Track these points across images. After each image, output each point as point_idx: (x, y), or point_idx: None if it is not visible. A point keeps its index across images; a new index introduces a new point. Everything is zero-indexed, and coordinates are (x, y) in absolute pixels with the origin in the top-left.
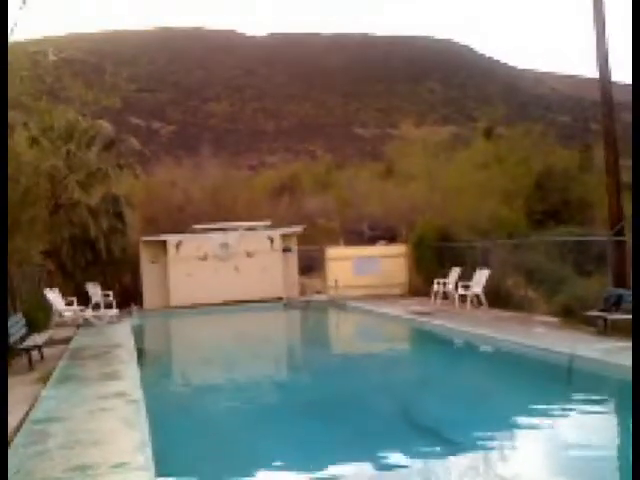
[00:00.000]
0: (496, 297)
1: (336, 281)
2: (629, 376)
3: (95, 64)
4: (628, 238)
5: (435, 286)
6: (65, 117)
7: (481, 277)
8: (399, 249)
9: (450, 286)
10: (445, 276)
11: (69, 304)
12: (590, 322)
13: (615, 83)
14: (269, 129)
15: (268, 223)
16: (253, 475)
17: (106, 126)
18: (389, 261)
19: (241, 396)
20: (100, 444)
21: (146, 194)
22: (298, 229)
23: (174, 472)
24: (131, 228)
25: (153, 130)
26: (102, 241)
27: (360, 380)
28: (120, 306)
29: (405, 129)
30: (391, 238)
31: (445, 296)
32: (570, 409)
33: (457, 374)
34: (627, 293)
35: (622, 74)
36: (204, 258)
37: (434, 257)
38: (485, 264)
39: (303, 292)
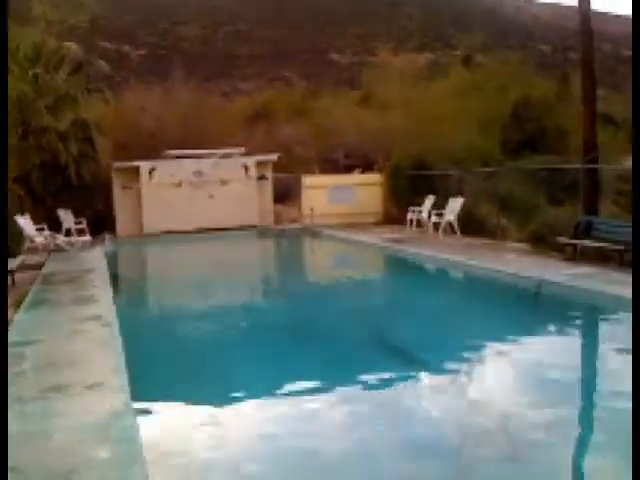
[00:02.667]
0: (469, 225)
1: (311, 209)
2: (593, 300)
3: None
4: (601, 166)
5: (409, 214)
6: (31, 38)
7: (455, 205)
8: (374, 177)
9: (424, 214)
10: (420, 204)
11: (40, 230)
12: (560, 249)
13: (596, 12)
14: (242, 54)
15: (242, 150)
16: (227, 395)
17: (75, 48)
18: (364, 189)
19: (214, 320)
20: (75, 365)
21: (116, 120)
22: (273, 157)
23: (148, 391)
24: (102, 154)
25: (122, 54)
26: (72, 167)
27: (335, 305)
28: (93, 234)
29: (382, 56)
30: (367, 166)
31: (419, 224)
32: (536, 330)
33: (430, 299)
34: (597, 220)
35: (603, 4)
36: (178, 185)
37: (409, 185)
38: (459, 192)
39: (278, 220)
